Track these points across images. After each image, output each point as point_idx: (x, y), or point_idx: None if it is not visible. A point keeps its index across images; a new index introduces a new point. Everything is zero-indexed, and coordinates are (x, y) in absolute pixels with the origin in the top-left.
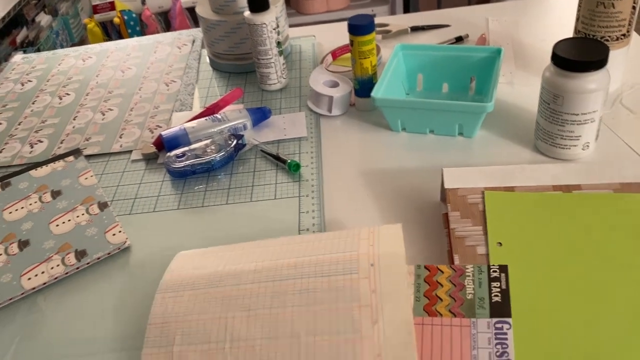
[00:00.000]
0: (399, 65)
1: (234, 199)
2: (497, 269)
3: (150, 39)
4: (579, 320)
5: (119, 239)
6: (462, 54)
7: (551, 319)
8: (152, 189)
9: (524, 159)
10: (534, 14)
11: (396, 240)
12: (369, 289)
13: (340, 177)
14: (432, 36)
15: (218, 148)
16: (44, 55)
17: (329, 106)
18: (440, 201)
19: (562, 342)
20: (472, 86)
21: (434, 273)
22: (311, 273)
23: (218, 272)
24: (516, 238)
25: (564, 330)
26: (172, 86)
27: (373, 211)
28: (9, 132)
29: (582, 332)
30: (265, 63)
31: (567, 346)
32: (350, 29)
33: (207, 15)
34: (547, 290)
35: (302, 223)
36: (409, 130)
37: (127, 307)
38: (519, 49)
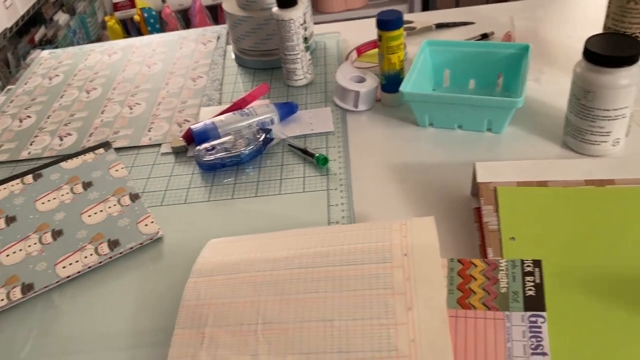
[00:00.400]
0: (425, 61)
1: (263, 191)
2: (531, 263)
3: (174, 35)
4: (612, 314)
5: (151, 230)
6: (490, 50)
7: (584, 313)
8: (183, 182)
9: (553, 155)
10: (558, 11)
11: (429, 232)
12: (403, 277)
13: (368, 171)
14: (457, 33)
15: (247, 142)
16: (70, 50)
17: (355, 101)
18: (471, 195)
19: (595, 336)
20: (499, 82)
21: (467, 266)
22: (343, 261)
23: (250, 258)
24: (531, 233)
25: (597, 325)
26: (199, 82)
27: (402, 205)
28: (38, 125)
29: (616, 326)
30: (292, 59)
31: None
32: (379, 24)
33: (234, 11)
34: (577, 285)
35: (332, 216)
36: (436, 126)
37: (160, 294)
38: (545, 46)
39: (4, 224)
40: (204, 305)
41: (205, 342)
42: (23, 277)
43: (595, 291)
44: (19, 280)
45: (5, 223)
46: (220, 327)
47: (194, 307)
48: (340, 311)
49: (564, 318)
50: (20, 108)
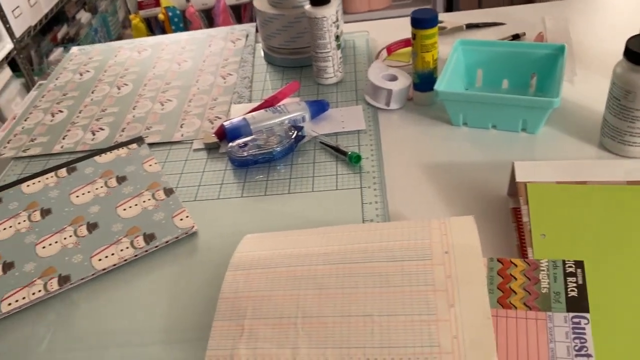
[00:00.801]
0: (458, 61)
1: (296, 188)
2: (573, 264)
3: (203, 33)
4: None
5: (186, 224)
6: (523, 50)
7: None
8: (215, 177)
9: (590, 156)
10: (591, 12)
11: (470, 231)
12: (444, 274)
13: (401, 170)
14: (487, 34)
15: (279, 139)
16: (99, 47)
17: (387, 100)
18: (507, 195)
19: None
20: (532, 83)
21: (507, 266)
22: (382, 257)
23: (287, 253)
24: (562, 230)
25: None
26: (229, 79)
27: (437, 204)
28: (70, 120)
29: None
30: (324, 57)
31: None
32: (414, 22)
33: (265, 9)
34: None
35: (366, 214)
36: (470, 125)
37: (196, 288)
38: (578, 47)
39: (40, 217)
40: (243, 298)
41: (244, 334)
42: (60, 269)
43: (636, 291)
44: (56, 272)
45: (41, 215)
46: (259, 320)
47: (232, 299)
48: (380, 306)
49: (603, 318)
50: (52, 103)
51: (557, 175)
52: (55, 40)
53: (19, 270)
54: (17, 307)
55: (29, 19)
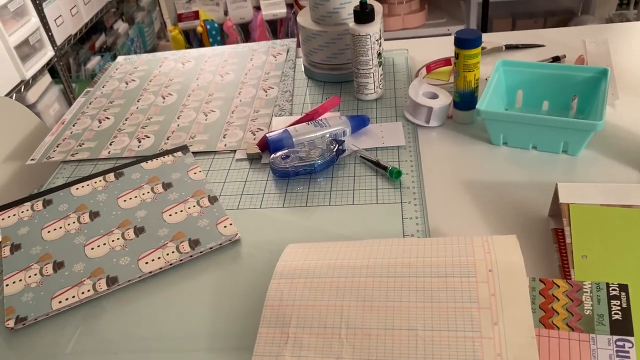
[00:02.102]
0: (499, 81)
1: (336, 201)
2: (617, 287)
3: (245, 47)
4: None
5: (230, 231)
6: (565, 72)
7: None
8: (258, 187)
9: (631, 179)
10: (630, 37)
11: (513, 250)
12: (488, 292)
13: (441, 187)
14: (527, 55)
15: (320, 152)
16: (145, 57)
17: (427, 117)
18: (549, 216)
19: None
20: (573, 105)
21: (550, 286)
22: (426, 273)
23: (331, 264)
24: (604, 252)
25: None
26: (270, 92)
27: (477, 222)
28: (117, 126)
29: None
30: (365, 73)
31: None
32: (457, 42)
33: (308, 25)
34: None
35: (406, 229)
36: (510, 145)
37: (239, 293)
38: (619, 71)
39: (89, 219)
40: (287, 307)
41: (289, 342)
42: (107, 270)
43: None
44: (104, 273)
45: (90, 218)
46: (303, 328)
47: (277, 307)
48: (424, 321)
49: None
50: (99, 110)
51: (600, 197)
52: (93, 49)
53: (69, 270)
54: (66, 305)
55: (70, 28)
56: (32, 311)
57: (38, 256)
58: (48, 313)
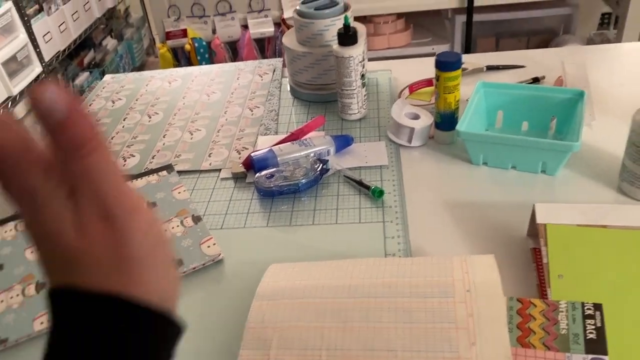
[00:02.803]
0: (480, 102)
1: (320, 220)
2: (592, 306)
3: (232, 66)
4: None
5: (213, 251)
6: (544, 94)
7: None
8: (242, 206)
9: (608, 199)
10: (608, 59)
11: (491, 269)
12: (466, 312)
13: (422, 206)
14: (507, 76)
15: (304, 171)
16: (131, 76)
17: (409, 137)
18: (527, 236)
19: None
20: (552, 125)
21: (527, 306)
22: (406, 293)
23: (313, 284)
24: (580, 272)
25: None
26: (256, 111)
27: (458, 241)
28: None
29: None
30: (349, 94)
31: None
32: (438, 64)
33: (294, 47)
34: (631, 328)
35: (388, 248)
36: (490, 165)
37: (221, 314)
38: (596, 92)
39: None
40: (269, 329)
41: None
42: None
43: None
44: None
45: None
46: (284, 350)
47: (258, 329)
48: (403, 342)
49: None
50: None
51: (577, 217)
52: (81, 65)
53: None
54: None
55: (59, 44)
56: (13, 333)
57: (21, 276)
58: (29, 334)
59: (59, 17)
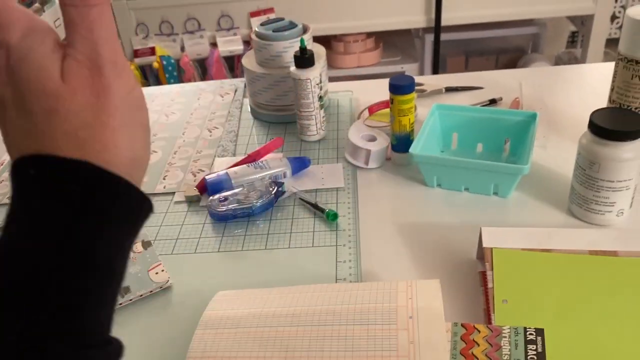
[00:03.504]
0: (435, 124)
1: (273, 244)
2: (534, 331)
3: (193, 86)
4: None
5: (161, 278)
6: (498, 116)
7: None
8: (194, 231)
9: (558, 221)
10: (566, 80)
11: (435, 295)
12: (407, 340)
13: (376, 229)
14: (466, 97)
15: (259, 194)
16: None
17: (366, 159)
18: (477, 259)
19: None
20: (506, 147)
21: (471, 331)
22: (349, 320)
23: (257, 312)
24: (525, 297)
25: None
26: (215, 132)
27: (409, 264)
28: None
29: None
30: (307, 115)
31: None
32: (392, 88)
33: (253, 68)
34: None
35: (339, 272)
36: (444, 187)
37: (167, 343)
38: (552, 114)
39: None
40: (210, 358)
41: None
42: None
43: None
44: None
45: None
46: None
47: (199, 359)
48: None
49: None
50: None
51: (523, 242)
52: None
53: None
54: None
55: None
56: None
57: None
58: None
59: None
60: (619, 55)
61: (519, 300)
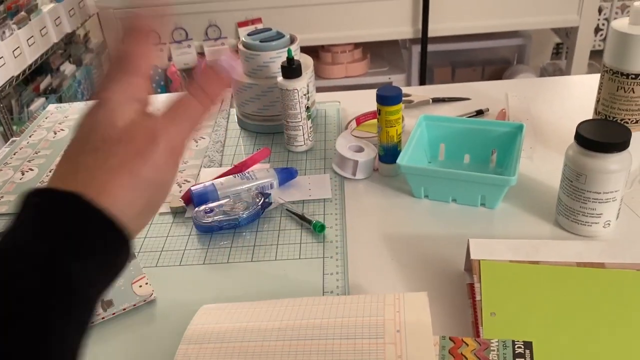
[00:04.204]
0: (422, 135)
1: (259, 256)
2: (522, 345)
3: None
4: None
5: (145, 291)
6: (485, 127)
7: None
8: (179, 243)
9: (545, 232)
10: (552, 92)
11: (422, 308)
12: (395, 354)
13: (363, 240)
14: (453, 108)
15: (245, 205)
16: (77, 105)
17: (353, 170)
18: (465, 270)
19: None
20: (493, 158)
21: (459, 345)
22: (336, 335)
23: (242, 327)
24: (513, 310)
25: None
26: (201, 142)
27: (396, 277)
28: (40, 179)
29: None
30: (294, 126)
31: None
32: (379, 99)
33: (240, 78)
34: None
35: (326, 285)
36: (431, 198)
37: (151, 358)
38: (538, 125)
39: None
40: None
41: None
42: None
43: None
44: None
45: None
46: None
47: None
48: None
49: None
50: (23, 160)
51: (510, 253)
52: (37, 90)
53: None
54: None
55: (12, 69)
56: None
57: None
58: None
59: (13, 42)
60: (604, 67)
61: (507, 313)
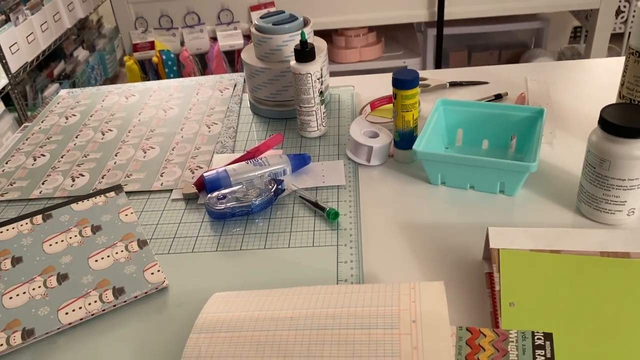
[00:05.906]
0: (439, 120)
1: (272, 244)
2: (542, 336)
3: (192, 81)
4: None
5: (157, 279)
6: (504, 112)
7: None
8: (191, 229)
9: (566, 220)
10: (572, 76)
11: (439, 298)
12: (411, 345)
13: (378, 228)
14: (471, 92)
15: (258, 192)
16: (88, 90)
17: (368, 156)
18: (483, 259)
19: None
20: (512, 144)
21: (476, 336)
22: (350, 324)
23: (254, 316)
24: (532, 300)
25: None
26: (214, 128)
27: (412, 266)
28: (51, 164)
29: None
30: (307, 111)
31: None
32: (395, 82)
33: (252, 62)
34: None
35: (340, 273)
36: (448, 185)
37: (162, 347)
38: (558, 109)
39: (10, 265)
40: None
41: None
42: (24, 322)
43: None
44: (20, 325)
45: (12, 264)
46: None
47: None
48: None
49: None
50: (35, 146)
51: (531, 242)
52: (51, 76)
53: None
54: None
55: (26, 55)
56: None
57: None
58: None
59: (26, 27)
60: (629, 49)
61: (527, 303)
